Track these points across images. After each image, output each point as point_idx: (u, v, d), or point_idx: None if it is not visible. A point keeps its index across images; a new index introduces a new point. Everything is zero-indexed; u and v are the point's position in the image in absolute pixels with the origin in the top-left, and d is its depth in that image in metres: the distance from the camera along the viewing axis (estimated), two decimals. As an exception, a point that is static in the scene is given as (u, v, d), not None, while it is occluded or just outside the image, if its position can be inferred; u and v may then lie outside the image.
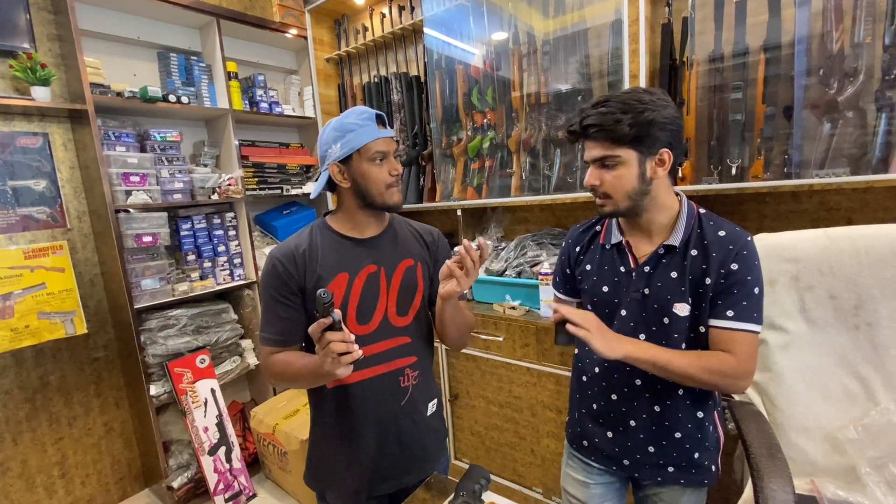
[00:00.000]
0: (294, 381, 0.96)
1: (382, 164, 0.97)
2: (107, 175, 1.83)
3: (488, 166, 1.97)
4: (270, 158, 2.52)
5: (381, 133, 0.96)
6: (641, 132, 0.85)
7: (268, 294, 0.97)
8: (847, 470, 1.04)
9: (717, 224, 0.92)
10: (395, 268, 1.03)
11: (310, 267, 0.97)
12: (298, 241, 1.00)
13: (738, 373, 0.87)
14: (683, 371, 0.86)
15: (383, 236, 1.05)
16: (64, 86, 1.93)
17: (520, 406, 1.81)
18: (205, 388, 2.07)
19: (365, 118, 0.96)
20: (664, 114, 0.86)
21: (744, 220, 1.54)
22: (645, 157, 0.88)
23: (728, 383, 0.88)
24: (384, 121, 0.98)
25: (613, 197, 0.91)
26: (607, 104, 0.87)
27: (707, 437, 0.97)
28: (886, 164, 1.18)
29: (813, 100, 1.28)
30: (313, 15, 2.41)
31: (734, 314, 0.87)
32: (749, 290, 0.88)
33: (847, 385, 1.09)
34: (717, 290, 0.89)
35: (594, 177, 0.92)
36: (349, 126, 0.95)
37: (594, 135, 0.89)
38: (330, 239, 1.01)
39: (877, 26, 1.19)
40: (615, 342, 0.87)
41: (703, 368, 0.86)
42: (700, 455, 0.96)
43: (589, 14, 1.65)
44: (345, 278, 0.97)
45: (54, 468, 1.99)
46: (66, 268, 1.89)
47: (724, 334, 0.88)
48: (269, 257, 0.98)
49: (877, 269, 1.05)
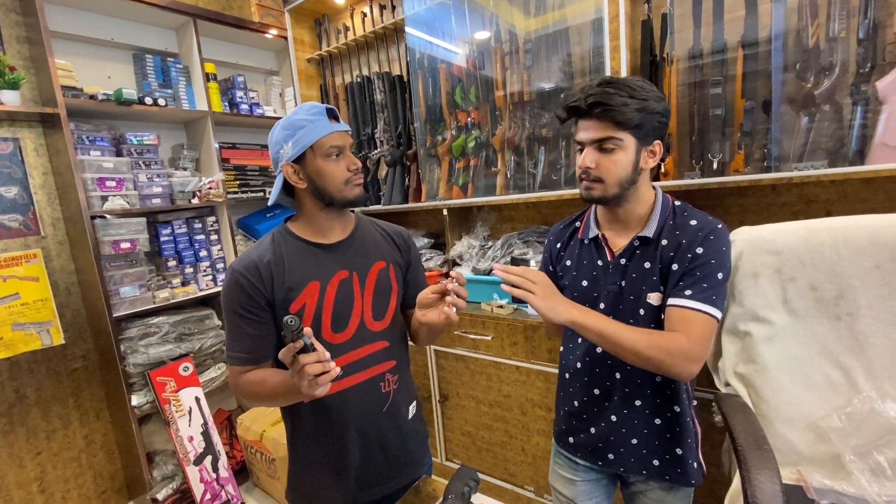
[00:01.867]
0: (269, 399, 0.90)
1: (339, 159, 0.92)
2: (81, 180, 1.78)
3: (473, 165, 1.97)
4: (252, 161, 2.48)
5: (333, 127, 0.91)
6: (644, 120, 0.85)
7: (232, 311, 0.90)
8: (832, 458, 1.05)
9: (689, 214, 0.93)
10: (368, 271, 0.99)
11: (277, 278, 0.91)
12: (261, 251, 0.93)
13: (685, 353, 0.82)
14: (632, 345, 0.82)
15: (351, 239, 1.00)
16: (34, 89, 1.87)
17: (510, 405, 1.81)
18: (189, 396, 2.02)
19: (315, 113, 0.91)
20: (662, 106, 0.87)
21: (726, 214, 1.56)
22: (641, 146, 0.89)
23: (675, 363, 0.82)
24: (336, 114, 0.94)
25: (605, 182, 0.90)
26: (613, 84, 0.85)
27: (687, 431, 0.98)
28: (862, 156, 1.21)
29: (790, 94, 1.30)
30: (293, 15, 2.38)
31: (692, 294, 0.86)
32: (711, 272, 0.87)
33: (830, 375, 1.10)
34: (682, 273, 0.89)
35: (590, 159, 0.89)
36: (299, 123, 0.90)
37: (599, 114, 0.86)
38: (295, 246, 0.95)
39: (851, 21, 1.21)
40: (561, 306, 0.84)
41: (652, 345, 0.82)
42: (682, 450, 0.97)
43: (570, 12, 1.65)
44: (316, 287, 0.93)
45: (33, 483, 1.93)
46: (40, 277, 1.83)
47: (679, 313, 0.85)
48: (230, 271, 0.91)
49: (856, 259, 1.07)
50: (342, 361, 0.93)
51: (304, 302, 0.92)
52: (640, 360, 0.84)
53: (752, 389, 1.16)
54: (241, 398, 0.94)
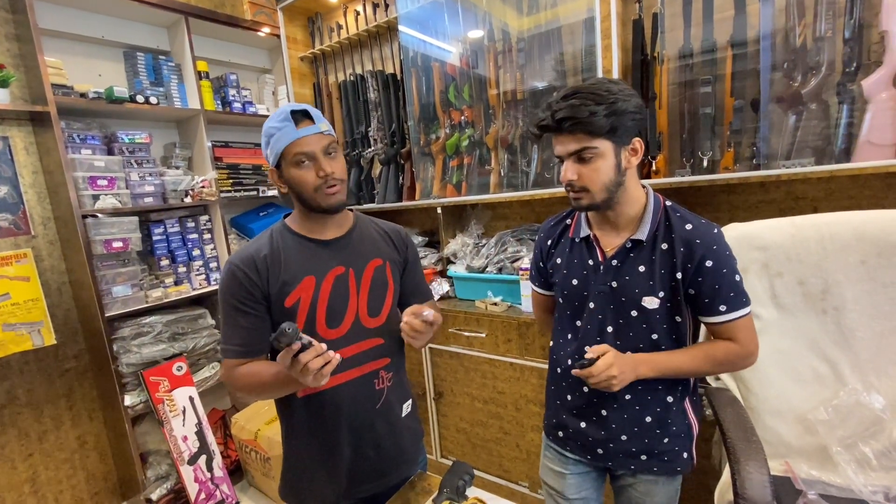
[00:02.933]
0: (264, 391, 0.91)
1: (307, 166, 0.89)
2: (72, 179, 1.77)
3: (467, 163, 1.97)
4: (245, 159, 2.47)
5: (297, 133, 0.88)
6: (616, 122, 0.85)
7: (228, 304, 0.91)
8: (819, 450, 1.08)
9: (683, 217, 0.94)
10: (364, 268, 1.00)
11: (273, 272, 0.92)
12: (258, 245, 0.94)
13: (745, 354, 0.93)
14: (697, 370, 0.94)
15: (349, 236, 1.01)
16: (24, 87, 1.85)
17: (504, 401, 1.82)
18: (183, 396, 2.01)
19: (282, 119, 0.89)
20: (634, 103, 0.87)
21: (716, 211, 1.58)
22: (620, 148, 0.89)
23: (739, 365, 0.96)
24: (309, 115, 0.90)
25: (591, 190, 0.90)
26: (577, 96, 0.86)
27: (677, 422, 0.99)
28: (848, 154, 1.23)
29: (778, 93, 1.32)
30: (286, 13, 2.37)
31: (727, 308, 0.90)
32: (730, 280, 0.90)
33: (817, 368, 1.13)
34: (695, 286, 0.90)
35: (571, 171, 0.90)
36: (271, 130, 0.90)
37: (569, 128, 0.87)
38: (292, 241, 0.96)
39: (837, 21, 1.23)
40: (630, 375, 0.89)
41: (715, 363, 0.93)
42: (670, 441, 0.98)
43: (562, 11, 1.67)
44: (311, 282, 0.94)
45: (25, 485, 1.91)
46: (31, 276, 1.81)
47: (724, 327, 0.92)
48: (228, 264, 0.92)
49: (841, 254, 1.09)
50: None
51: (299, 296, 0.92)
52: (708, 374, 0.99)
53: (742, 383, 1.19)
54: (235, 391, 0.95)
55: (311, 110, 0.91)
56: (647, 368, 0.91)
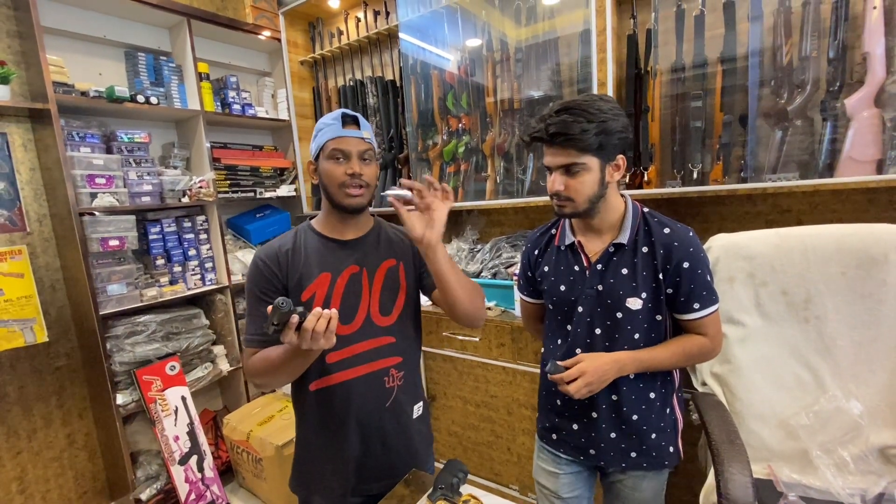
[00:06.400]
0: (275, 373, 0.91)
1: (340, 162, 0.96)
2: (70, 177, 1.77)
3: (464, 170, 2.01)
4: (243, 161, 2.48)
5: (342, 132, 0.96)
6: (604, 141, 0.91)
7: (252, 293, 0.99)
8: (800, 454, 1.11)
9: (660, 221, 1.00)
10: (377, 268, 1.04)
11: (292, 267, 0.99)
12: (283, 241, 1.02)
13: (713, 346, 1.02)
14: (673, 364, 1.00)
15: (366, 238, 1.06)
16: (24, 84, 1.85)
17: (496, 405, 1.85)
18: (175, 395, 2.01)
19: (333, 118, 0.98)
20: (622, 122, 0.92)
21: (705, 222, 1.62)
22: (605, 164, 0.94)
23: (707, 357, 1.05)
24: (356, 121, 0.99)
25: (575, 200, 0.96)
26: (570, 112, 0.90)
27: (663, 418, 1.03)
28: (832, 169, 1.28)
29: (765, 109, 1.37)
30: (287, 17, 2.40)
31: (700, 305, 0.97)
32: (703, 280, 0.97)
33: (799, 375, 1.17)
34: (674, 286, 0.97)
35: (559, 182, 0.96)
36: (320, 126, 1.00)
37: (561, 143, 0.92)
38: (314, 240, 1.03)
39: (822, 41, 1.28)
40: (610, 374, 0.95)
41: (687, 356, 1.00)
42: (657, 436, 1.02)
43: (559, 23, 1.71)
44: (327, 278, 0.99)
45: (13, 483, 1.90)
46: (25, 273, 1.80)
47: (697, 323, 0.99)
48: (254, 257, 1.01)
49: (823, 265, 1.13)
50: (348, 352, 0.99)
51: (314, 291, 0.98)
52: (680, 366, 1.04)
53: (727, 388, 1.22)
54: (252, 378, 0.97)
55: (360, 118, 1.00)
56: (632, 366, 0.97)
